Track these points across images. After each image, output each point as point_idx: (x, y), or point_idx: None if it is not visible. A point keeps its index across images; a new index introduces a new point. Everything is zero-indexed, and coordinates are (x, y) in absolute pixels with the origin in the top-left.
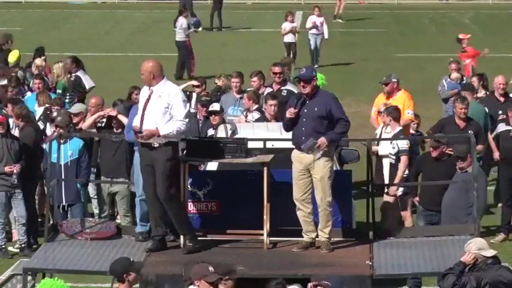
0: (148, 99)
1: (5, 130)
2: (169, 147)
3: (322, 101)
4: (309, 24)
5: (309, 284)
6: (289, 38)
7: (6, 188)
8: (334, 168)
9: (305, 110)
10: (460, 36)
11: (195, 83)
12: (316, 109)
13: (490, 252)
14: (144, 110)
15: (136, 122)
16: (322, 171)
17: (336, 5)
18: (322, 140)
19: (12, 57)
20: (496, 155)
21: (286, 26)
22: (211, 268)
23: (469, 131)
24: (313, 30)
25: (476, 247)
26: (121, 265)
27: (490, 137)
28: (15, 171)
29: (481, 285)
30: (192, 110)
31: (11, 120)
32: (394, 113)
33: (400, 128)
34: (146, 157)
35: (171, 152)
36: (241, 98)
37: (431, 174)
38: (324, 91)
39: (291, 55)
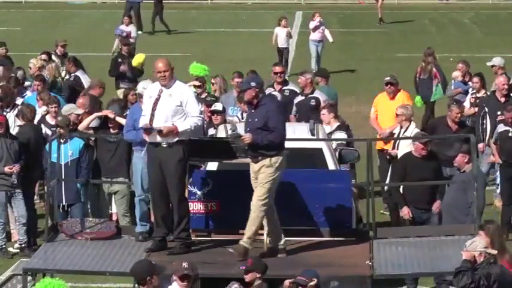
0: (158, 98)
1: (4, 130)
2: (180, 146)
3: (262, 112)
4: (311, 26)
5: (286, 282)
6: (282, 43)
7: (6, 188)
8: (334, 168)
9: (249, 120)
10: None
11: (196, 83)
12: (256, 120)
13: (493, 251)
14: (153, 109)
15: (144, 121)
16: (264, 179)
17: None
18: (246, 135)
19: (136, 60)
20: (497, 158)
21: (279, 31)
22: (184, 264)
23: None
24: (314, 37)
25: (482, 245)
26: (145, 268)
27: (491, 142)
28: (14, 171)
29: (490, 282)
30: None
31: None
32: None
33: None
34: (155, 156)
35: (182, 152)
36: None
37: (419, 173)
38: (270, 101)
39: (283, 61)
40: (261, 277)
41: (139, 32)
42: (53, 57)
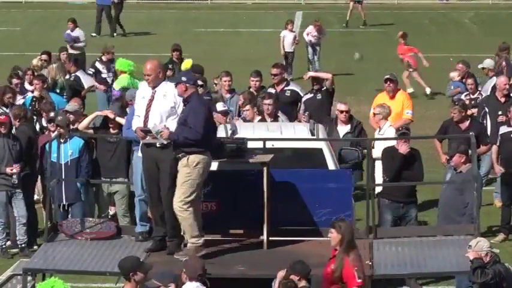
0: (151, 100)
1: (7, 130)
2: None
3: (187, 109)
4: (305, 36)
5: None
6: (287, 48)
7: (7, 188)
8: (334, 168)
9: (179, 115)
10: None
11: (199, 82)
12: (182, 115)
13: (496, 250)
14: (147, 110)
15: (138, 123)
16: (181, 179)
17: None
18: (165, 131)
19: (184, 65)
20: (497, 169)
21: (286, 34)
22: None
23: (471, 132)
24: (310, 39)
25: (487, 245)
26: (130, 263)
27: (494, 147)
28: (15, 171)
29: (500, 277)
30: None
31: None
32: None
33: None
34: (151, 157)
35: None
36: (231, 97)
37: (402, 168)
38: (197, 99)
39: (288, 65)
40: (302, 280)
41: (114, 34)
42: (97, 63)
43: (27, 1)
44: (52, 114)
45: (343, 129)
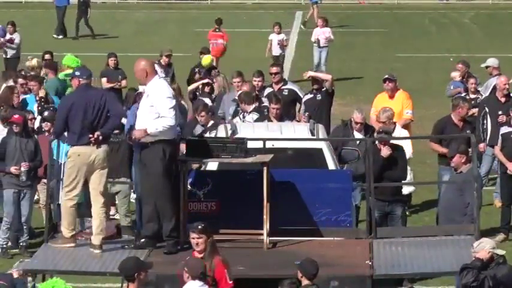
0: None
1: (21, 129)
2: (160, 145)
3: None
4: (313, 38)
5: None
6: (276, 51)
7: (15, 187)
8: (334, 168)
9: None
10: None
11: (205, 81)
12: None
13: (501, 251)
14: (138, 108)
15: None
16: None
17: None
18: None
19: (205, 61)
20: (510, 166)
21: (273, 37)
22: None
23: (467, 131)
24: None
25: (490, 246)
26: (133, 264)
27: (497, 148)
28: (22, 169)
29: (496, 283)
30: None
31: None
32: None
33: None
34: (140, 155)
35: (161, 151)
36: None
37: (384, 168)
38: (74, 91)
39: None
40: (306, 279)
41: (60, 37)
42: (156, 66)
43: (27, 1)
44: (46, 113)
45: (358, 135)
